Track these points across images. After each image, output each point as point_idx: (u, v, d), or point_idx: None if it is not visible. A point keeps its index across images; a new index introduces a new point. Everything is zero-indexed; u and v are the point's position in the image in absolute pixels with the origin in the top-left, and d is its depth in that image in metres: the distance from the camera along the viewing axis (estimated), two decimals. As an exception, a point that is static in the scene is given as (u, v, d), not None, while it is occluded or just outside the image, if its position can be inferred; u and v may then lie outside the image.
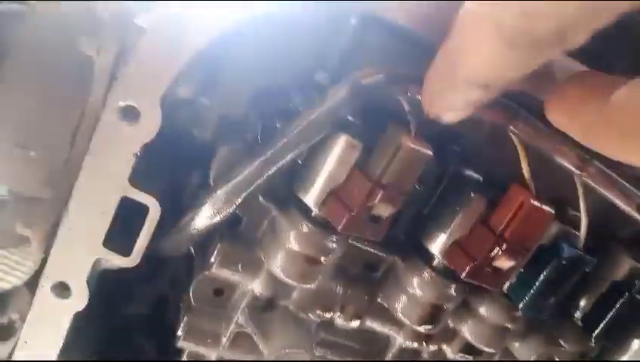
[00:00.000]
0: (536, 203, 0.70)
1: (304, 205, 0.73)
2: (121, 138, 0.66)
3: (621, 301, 0.86)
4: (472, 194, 0.76)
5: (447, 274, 0.81)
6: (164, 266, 0.93)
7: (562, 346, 0.91)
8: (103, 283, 0.76)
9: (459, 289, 0.82)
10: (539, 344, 0.89)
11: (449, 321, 0.89)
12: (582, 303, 0.91)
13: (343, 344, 0.92)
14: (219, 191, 0.73)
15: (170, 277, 0.93)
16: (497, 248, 0.72)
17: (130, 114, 0.64)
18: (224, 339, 0.85)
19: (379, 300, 0.86)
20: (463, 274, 0.74)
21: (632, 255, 0.89)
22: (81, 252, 0.72)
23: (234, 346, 0.86)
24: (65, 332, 0.74)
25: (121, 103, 0.63)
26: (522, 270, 0.81)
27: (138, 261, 0.72)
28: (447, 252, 0.77)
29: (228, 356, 0.87)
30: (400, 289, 0.83)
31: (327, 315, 0.84)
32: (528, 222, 0.72)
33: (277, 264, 0.76)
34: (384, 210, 0.68)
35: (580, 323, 0.90)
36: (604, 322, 0.87)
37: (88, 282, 0.71)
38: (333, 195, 0.70)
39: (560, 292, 0.81)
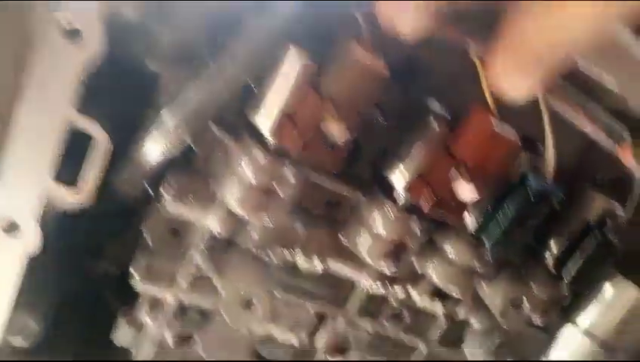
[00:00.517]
0: (497, 126, 0.67)
1: (258, 132, 0.70)
2: (63, 59, 0.63)
3: (593, 242, 0.84)
4: (433, 122, 0.73)
5: (411, 209, 0.78)
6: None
7: (532, 289, 0.88)
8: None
9: (423, 226, 0.79)
10: (507, 286, 0.86)
11: (415, 264, 0.86)
12: (553, 246, 0.88)
13: (307, 288, 0.89)
14: (167, 120, 0.70)
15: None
16: (459, 176, 0.69)
17: (71, 33, 0.61)
18: (183, 282, 0.82)
19: (341, 239, 0.83)
20: (426, 207, 0.72)
21: (606, 193, 0.86)
22: (26, 185, 0.69)
23: (194, 289, 0.83)
24: (17, 277, 0.71)
25: (62, 21, 0.60)
26: (490, 208, 0.78)
27: (90, 197, 0.69)
28: (410, 184, 0.74)
29: (188, 299, 0.84)
30: (361, 226, 0.80)
31: (288, 255, 0.82)
32: (490, 146, 0.69)
33: (230, 195, 0.73)
34: (339, 133, 0.65)
35: (551, 266, 0.88)
36: (575, 264, 0.84)
37: (40, 221, 0.68)
38: (287, 119, 0.67)
39: (529, 231, 0.78)
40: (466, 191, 0.70)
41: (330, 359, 0.91)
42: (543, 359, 0.96)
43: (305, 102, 0.66)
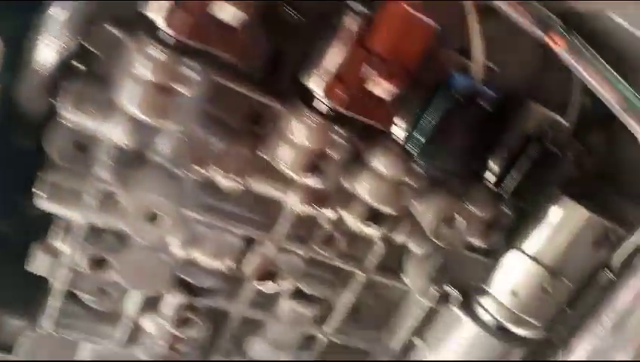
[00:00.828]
0: (411, 10, 0.61)
1: (152, 24, 0.64)
2: None
3: (531, 154, 0.78)
4: (349, 19, 0.67)
5: (333, 117, 0.72)
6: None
7: (470, 207, 0.83)
8: None
9: (344, 135, 0.73)
10: (440, 202, 0.81)
11: (344, 182, 0.81)
12: (493, 161, 0.83)
13: (231, 210, 0.83)
14: (57, 15, 0.64)
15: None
16: (374, 70, 0.64)
17: None
18: (91, 200, 0.77)
19: (262, 155, 0.78)
20: (339, 103, 0.66)
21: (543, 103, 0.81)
22: None
23: (103, 208, 0.78)
24: None
25: None
26: (417, 114, 0.73)
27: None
28: (326, 86, 0.69)
29: (99, 220, 0.79)
30: (280, 136, 0.74)
31: (202, 170, 0.76)
32: (405, 35, 0.63)
33: (128, 97, 0.67)
34: (227, 14, 0.59)
35: (491, 183, 0.82)
36: (514, 178, 0.79)
37: None
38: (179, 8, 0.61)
39: (458, 137, 0.73)
40: (380, 85, 0.64)
41: (259, 285, 0.86)
42: (485, 287, 0.91)
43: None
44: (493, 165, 0.83)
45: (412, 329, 0.99)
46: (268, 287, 0.86)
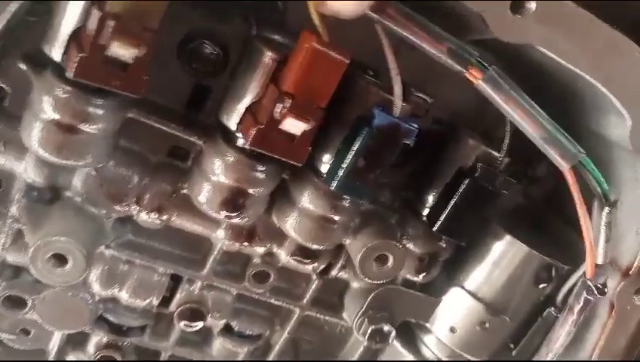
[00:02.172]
0: (321, 46, 0.59)
1: (57, 64, 0.61)
2: None
3: (463, 188, 0.75)
4: (266, 55, 0.64)
5: (253, 153, 0.69)
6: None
7: (405, 243, 0.80)
8: None
9: (267, 172, 0.70)
10: (369, 238, 0.78)
11: (275, 219, 0.78)
12: (428, 196, 0.80)
13: (157, 247, 0.80)
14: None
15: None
16: (282, 106, 0.61)
17: None
18: (4, 238, 0.73)
19: (184, 191, 0.75)
20: (249, 140, 0.63)
21: (479, 137, 0.78)
22: None
23: (16, 246, 0.74)
24: None
25: None
26: (337, 149, 0.70)
27: None
28: (241, 121, 0.66)
29: (12, 258, 0.76)
30: (202, 174, 0.71)
31: (119, 208, 0.73)
32: (315, 71, 0.60)
33: (32, 136, 0.63)
34: (124, 51, 0.56)
35: (425, 216, 0.80)
36: (445, 211, 0.76)
37: None
38: (74, 42, 0.58)
39: (379, 171, 0.70)
40: (290, 122, 0.61)
41: (185, 326, 0.82)
42: (427, 323, 0.88)
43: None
44: (429, 198, 0.80)
45: (350, 365, 0.97)
46: (193, 327, 0.83)
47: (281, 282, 0.86)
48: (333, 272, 0.85)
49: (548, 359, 0.79)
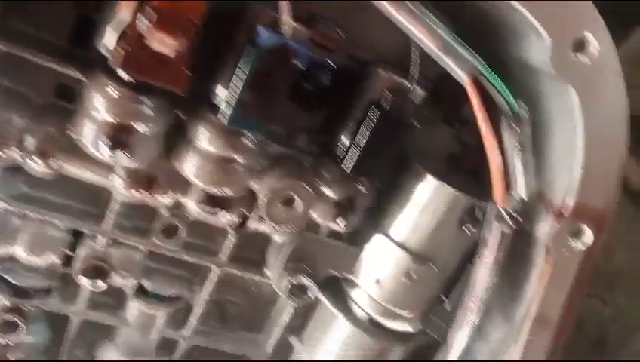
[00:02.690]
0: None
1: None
2: None
3: (374, 121, 0.69)
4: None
5: (135, 86, 0.64)
6: None
7: (314, 184, 0.74)
8: None
9: (153, 106, 0.65)
10: (280, 178, 0.72)
11: (174, 164, 0.72)
12: (343, 138, 0.74)
13: (53, 199, 0.74)
14: None
15: None
16: (147, 21, 0.55)
17: None
18: None
19: (70, 133, 0.69)
20: (119, 65, 0.58)
21: (391, 69, 0.72)
22: None
23: None
24: None
25: None
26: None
27: None
28: (114, 47, 0.60)
29: None
30: (84, 112, 0.66)
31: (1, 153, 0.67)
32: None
33: None
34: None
35: (339, 156, 0.74)
36: (358, 150, 0.70)
37: None
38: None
39: (273, 97, 0.64)
40: (157, 36, 0.56)
41: (87, 284, 0.77)
42: (353, 277, 0.82)
43: None
44: (345, 141, 0.74)
45: (286, 328, 0.90)
46: (97, 286, 0.77)
47: (194, 238, 0.80)
48: (251, 225, 0.79)
49: (473, 306, 0.73)
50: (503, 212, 0.67)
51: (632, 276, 1.90)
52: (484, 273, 0.70)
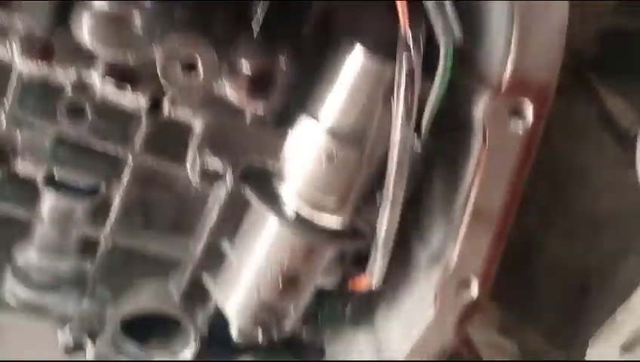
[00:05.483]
0: None
1: None
2: None
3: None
4: None
5: None
6: None
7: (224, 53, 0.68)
8: None
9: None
10: (181, 39, 0.66)
11: (72, 30, 0.66)
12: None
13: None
14: None
15: None
16: None
17: None
18: None
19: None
20: None
21: None
22: None
23: None
24: None
25: None
26: None
27: None
28: None
29: None
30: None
31: None
32: None
33: None
34: None
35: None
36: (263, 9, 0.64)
37: None
38: None
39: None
40: None
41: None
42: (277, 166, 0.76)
43: None
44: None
45: (216, 231, 0.85)
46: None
47: (105, 123, 0.75)
48: (165, 108, 0.74)
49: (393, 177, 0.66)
50: (408, 36, 0.60)
51: (617, 220, 1.83)
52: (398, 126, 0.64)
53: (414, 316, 0.84)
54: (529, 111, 0.70)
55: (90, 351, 0.86)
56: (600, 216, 1.84)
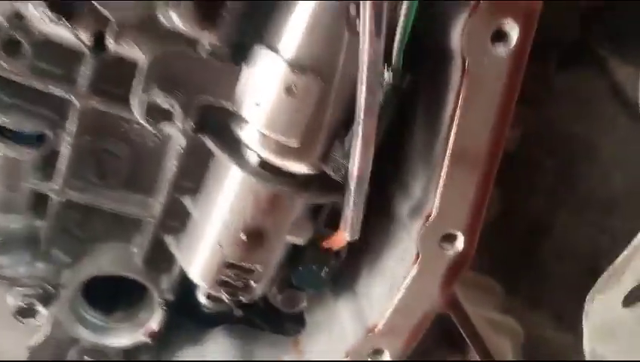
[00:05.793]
0: None
1: None
2: None
3: None
4: None
5: None
6: None
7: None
8: None
9: None
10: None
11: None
12: None
13: None
14: None
15: None
16: None
17: None
18: None
19: None
20: None
21: None
22: None
23: None
24: None
25: None
26: None
27: None
28: None
29: None
30: None
31: None
32: None
33: None
34: None
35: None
36: None
37: None
38: None
39: None
40: None
41: None
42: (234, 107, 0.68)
43: None
44: None
45: (176, 187, 0.78)
46: None
47: (46, 63, 0.68)
48: (110, 46, 0.67)
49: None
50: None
51: (629, 199, 1.74)
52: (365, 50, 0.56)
53: (396, 274, 0.76)
54: (514, 32, 0.62)
55: (42, 317, 0.80)
56: (611, 195, 1.73)
